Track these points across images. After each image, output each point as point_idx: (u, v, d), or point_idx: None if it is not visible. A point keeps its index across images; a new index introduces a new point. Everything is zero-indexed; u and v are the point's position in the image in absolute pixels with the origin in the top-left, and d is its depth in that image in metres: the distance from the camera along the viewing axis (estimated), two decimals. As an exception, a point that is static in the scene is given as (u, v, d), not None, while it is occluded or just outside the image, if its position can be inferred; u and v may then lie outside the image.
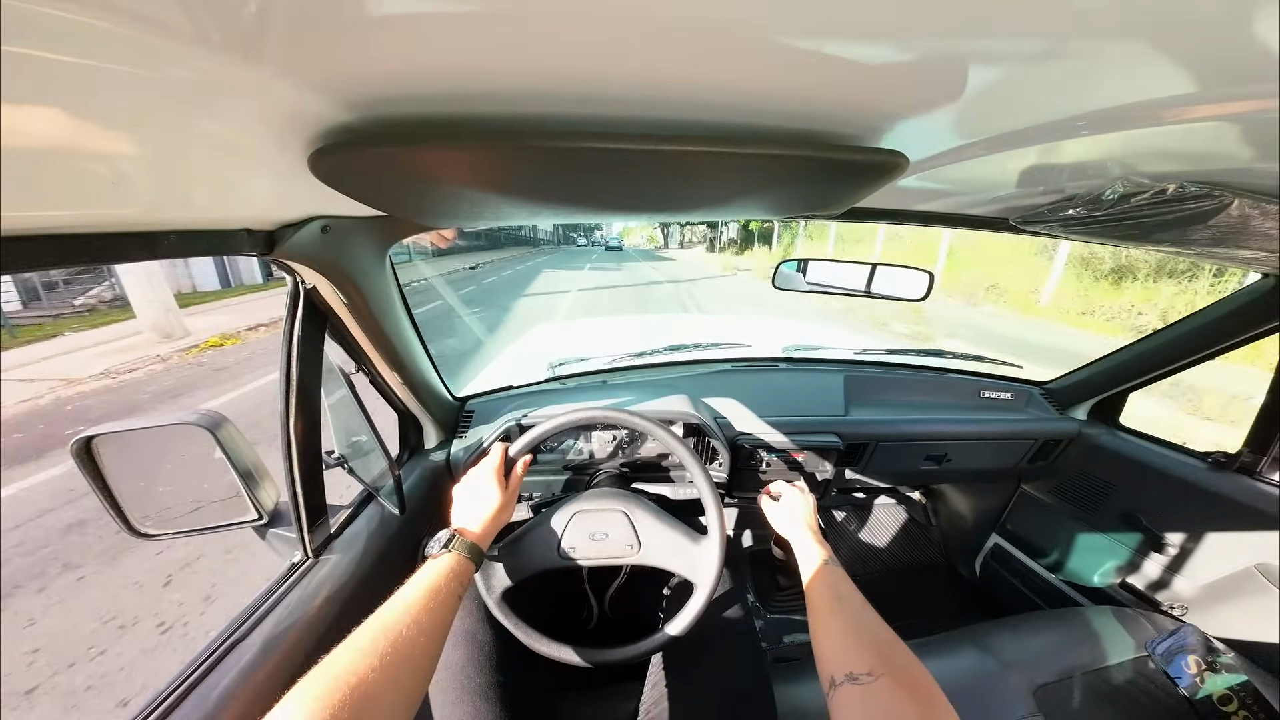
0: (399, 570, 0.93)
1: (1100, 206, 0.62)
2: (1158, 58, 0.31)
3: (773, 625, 1.50)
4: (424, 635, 0.48)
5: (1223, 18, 0.27)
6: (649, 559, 0.75)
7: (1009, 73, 0.34)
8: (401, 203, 0.54)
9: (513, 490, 0.72)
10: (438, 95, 0.34)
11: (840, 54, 0.31)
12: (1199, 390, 5.23)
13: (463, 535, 0.62)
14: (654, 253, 37.13)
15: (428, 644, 0.48)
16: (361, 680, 0.40)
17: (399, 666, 0.43)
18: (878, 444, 1.28)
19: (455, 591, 0.55)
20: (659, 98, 0.36)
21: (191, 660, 0.59)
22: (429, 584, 0.53)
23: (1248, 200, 0.53)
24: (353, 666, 0.41)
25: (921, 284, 1.23)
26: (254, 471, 0.75)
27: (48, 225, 0.38)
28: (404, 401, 1.06)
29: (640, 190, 0.54)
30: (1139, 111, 0.39)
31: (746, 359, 1.54)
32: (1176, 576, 1.15)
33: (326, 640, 0.68)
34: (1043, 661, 0.85)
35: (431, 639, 0.48)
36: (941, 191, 0.78)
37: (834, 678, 0.50)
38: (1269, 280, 0.94)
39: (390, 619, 0.48)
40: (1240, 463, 1.06)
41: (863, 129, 0.45)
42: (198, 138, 0.35)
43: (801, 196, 0.61)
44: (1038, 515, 1.52)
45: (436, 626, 0.50)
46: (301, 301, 0.70)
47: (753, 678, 0.76)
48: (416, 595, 0.52)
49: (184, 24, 0.23)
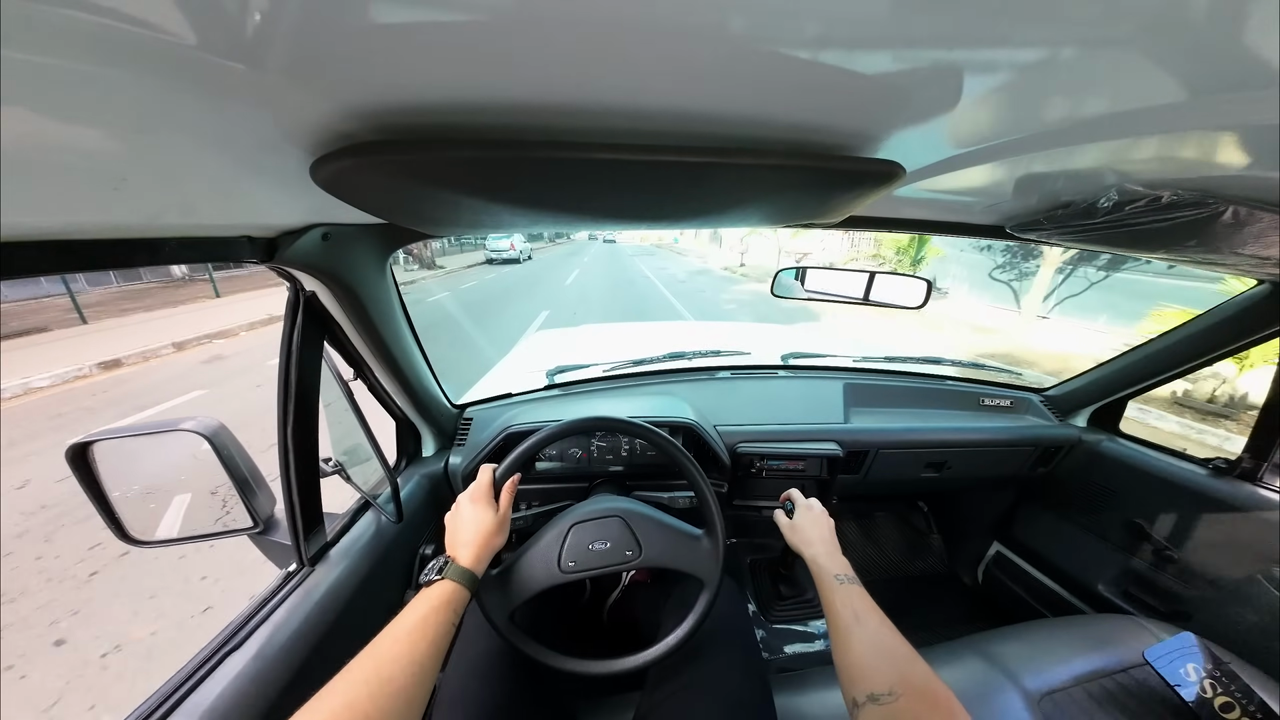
0: (395, 579, 0.93)
1: (1095, 214, 0.62)
2: (1152, 66, 0.31)
3: (775, 635, 1.49)
4: (415, 666, 0.48)
5: (1216, 27, 0.27)
6: (651, 560, 0.75)
7: (1004, 83, 0.35)
8: (402, 211, 0.55)
9: (504, 511, 0.72)
10: (440, 105, 0.35)
11: (836, 65, 0.31)
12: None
13: (455, 561, 0.62)
14: (652, 249, 36.09)
15: (421, 673, 0.48)
16: (353, 712, 0.41)
17: (394, 698, 0.44)
18: (878, 452, 1.28)
19: (449, 619, 0.55)
20: (658, 108, 0.37)
21: (184, 669, 0.59)
22: (422, 613, 0.54)
23: (1242, 207, 0.53)
24: (345, 699, 0.42)
25: (920, 292, 1.24)
26: (250, 479, 0.74)
27: (50, 231, 0.38)
28: (402, 409, 1.06)
29: (640, 200, 0.54)
30: (1134, 120, 0.40)
31: (745, 366, 1.54)
32: (1178, 583, 1.14)
33: (321, 649, 0.67)
34: (1046, 669, 0.84)
35: (425, 668, 0.49)
36: (938, 200, 0.79)
37: (856, 699, 0.51)
38: (1265, 286, 0.95)
39: (382, 650, 0.48)
40: (1241, 469, 1.06)
41: (859, 139, 0.45)
42: (200, 145, 0.36)
43: (799, 206, 0.61)
44: (1039, 522, 1.51)
45: (430, 655, 0.50)
46: (301, 308, 0.70)
47: (754, 688, 0.75)
48: (409, 625, 0.52)
49: (188, 32, 0.23)
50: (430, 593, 0.57)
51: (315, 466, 0.75)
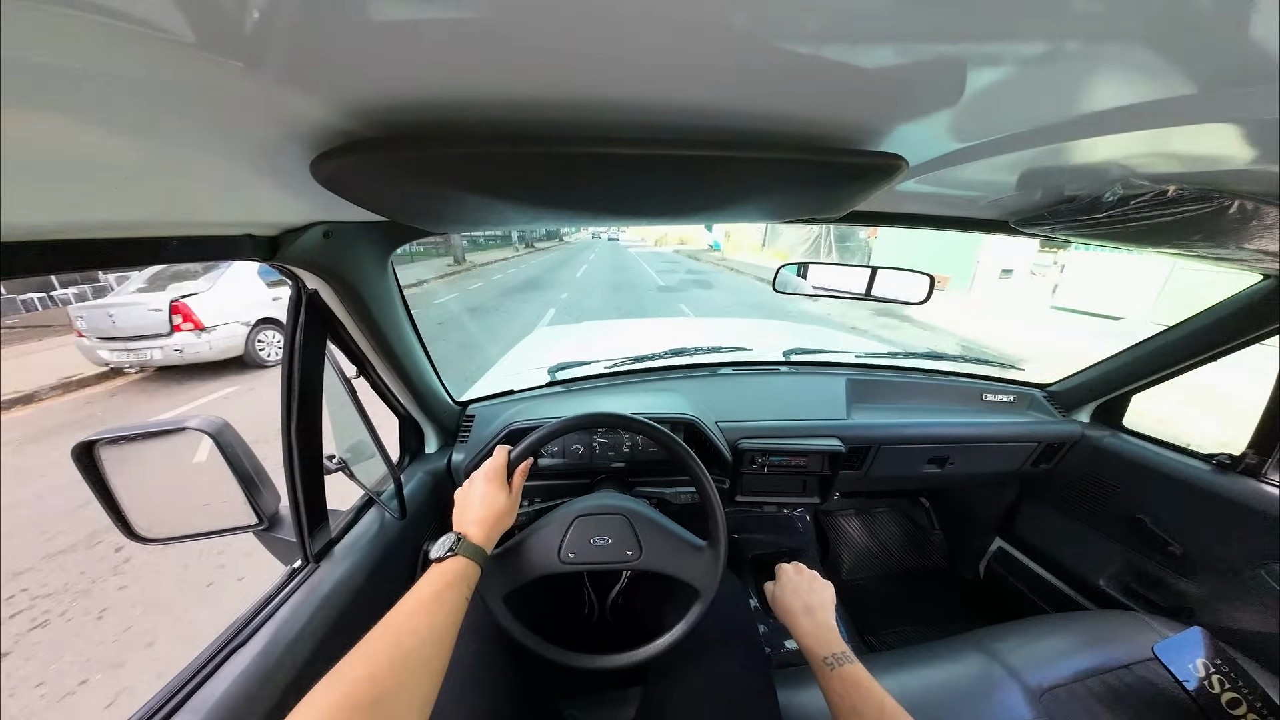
0: (399, 575, 0.94)
1: (1100, 208, 0.62)
2: (1157, 60, 0.31)
3: (776, 630, 1.49)
4: (433, 638, 0.47)
5: (1221, 20, 0.27)
6: (649, 564, 0.75)
7: (1008, 76, 0.34)
8: (403, 208, 0.55)
9: (515, 493, 0.72)
10: (441, 102, 0.35)
11: (839, 58, 0.31)
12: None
13: (467, 538, 0.61)
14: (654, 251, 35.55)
15: (437, 647, 0.47)
16: (374, 684, 0.40)
17: (410, 670, 0.43)
18: (880, 447, 1.28)
19: (462, 594, 0.55)
20: (659, 103, 0.37)
21: (190, 666, 0.59)
22: (436, 587, 0.53)
23: (1247, 201, 0.53)
24: (365, 671, 0.41)
25: (922, 287, 1.23)
26: (254, 476, 0.75)
27: (52, 230, 0.39)
28: (405, 406, 1.06)
29: (642, 194, 0.54)
30: (1138, 114, 0.39)
31: (748, 362, 1.54)
32: (1182, 579, 1.14)
33: (326, 646, 0.67)
34: (1048, 665, 0.84)
35: (440, 642, 0.48)
36: (941, 194, 0.78)
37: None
38: (1270, 281, 0.94)
39: (398, 623, 0.48)
40: (1245, 464, 1.06)
41: (862, 132, 0.45)
42: (201, 144, 0.36)
43: (801, 200, 0.61)
44: (1041, 518, 1.51)
45: (445, 630, 0.50)
46: (303, 306, 0.70)
47: (756, 682, 0.75)
48: (424, 598, 0.51)
49: (187, 30, 0.23)
50: (444, 567, 0.57)
51: (319, 463, 0.75)
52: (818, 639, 0.67)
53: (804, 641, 0.68)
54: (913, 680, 0.84)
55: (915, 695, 0.79)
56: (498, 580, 0.72)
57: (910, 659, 0.90)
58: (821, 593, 0.75)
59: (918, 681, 0.84)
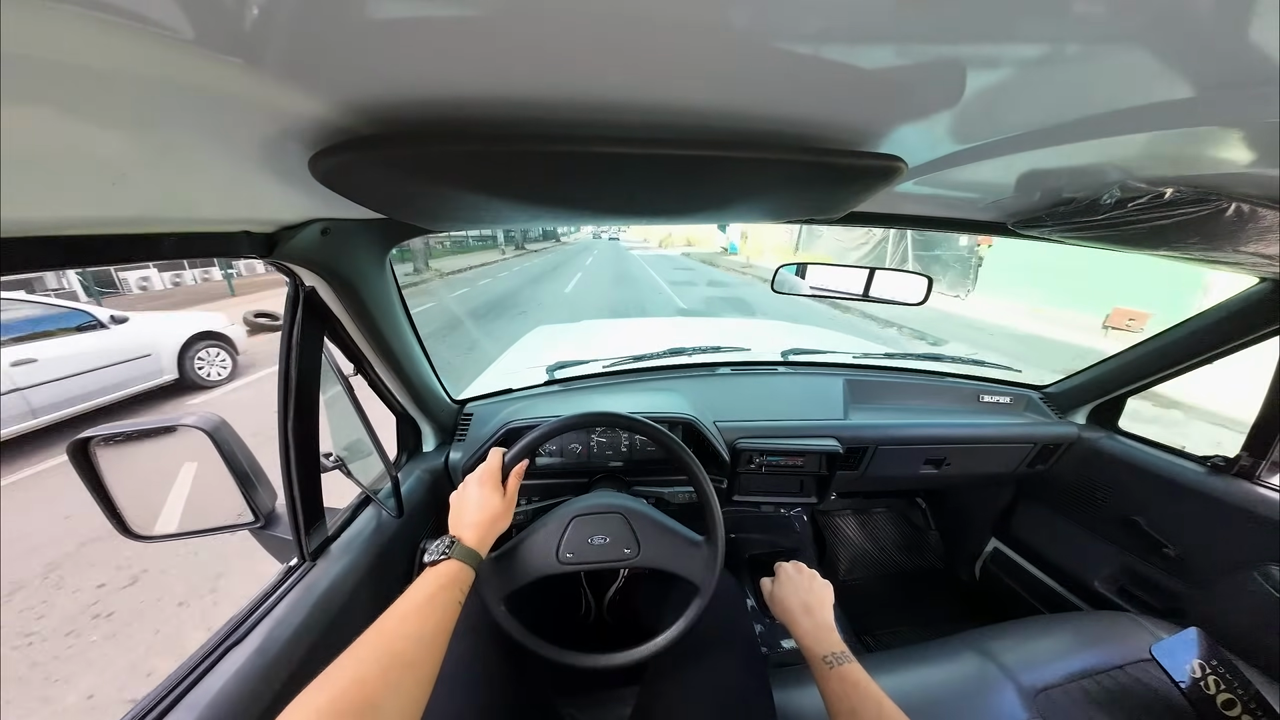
0: (396, 574, 0.94)
1: (1098, 210, 0.62)
2: (1155, 63, 0.31)
3: (772, 630, 1.50)
4: (424, 642, 0.47)
5: (1220, 23, 0.27)
6: (648, 561, 0.75)
7: (1007, 79, 0.34)
8: (401, 206, 0.54)
9: (510, 496, 0.71)
10: (440, 99, 0.34)
11: (839, 60, 0.31)
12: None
13: (461, 541, 0.61)
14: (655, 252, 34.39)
15: (428, 651, 0.47)
16: (363, 688, 0.40)
17: (401, 672, 0.43)
18: (877, 448, 1.28)
19: (455, 598, 0.55)
20: (658, 102, 0.37)
21: (186, 663, 0.59)
22: (428, 591, 0.53)
23: (1245, 204, 0.53)
24: (355, 674, 0.41)
25: (920, 288, 1.23)
26: (251, 474, 0.74)
27: (49, 227, 0.38)
28: (402, 404, 1.06)
29: (640, 194, 0.54)
30: (1137, 116, 0.39)
31: (746, 362, 1.54)
32: (1177, 580, 1.14)
33: (322, 644, 0.67)
34: (1043, 666, 0.85)
35: (431, 646, 0.48)
36: (940, 195, 0.78)
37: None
38: (1266, 284, 0.95)
39: (390, 626, 0.48)
40: (1239, 467, 1.06)
41: (861, 134, 0.45)
42: (199, 140, 0.35)
43: (800, 201, 0.61)
44: (1037, 519, 1.52)
45: (437, 633, 0.50)
46: (301, 303, 0.69)
47: (752, 682, 0.75)
48: (417, 602, 0.51)
49: (186, 27, 0.23)
50: (437, 571, 0.57)
51: (316, 461, 0.75)
52: (817, 638, 0.67)
53: (803, 640, 0.68)
54: (908, 680, 0.84)
55: (910, 695, 0.79)
56: (497, 583, 0.72)
57: (906, 659, 0.91)
58: (821, 592, 0.76)
59: (913, 682, 0.84)
